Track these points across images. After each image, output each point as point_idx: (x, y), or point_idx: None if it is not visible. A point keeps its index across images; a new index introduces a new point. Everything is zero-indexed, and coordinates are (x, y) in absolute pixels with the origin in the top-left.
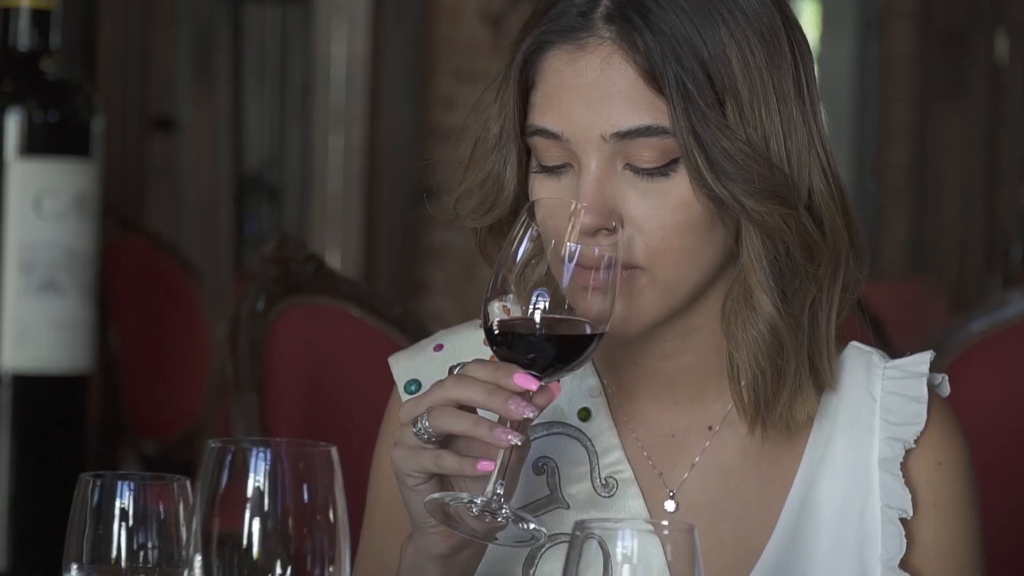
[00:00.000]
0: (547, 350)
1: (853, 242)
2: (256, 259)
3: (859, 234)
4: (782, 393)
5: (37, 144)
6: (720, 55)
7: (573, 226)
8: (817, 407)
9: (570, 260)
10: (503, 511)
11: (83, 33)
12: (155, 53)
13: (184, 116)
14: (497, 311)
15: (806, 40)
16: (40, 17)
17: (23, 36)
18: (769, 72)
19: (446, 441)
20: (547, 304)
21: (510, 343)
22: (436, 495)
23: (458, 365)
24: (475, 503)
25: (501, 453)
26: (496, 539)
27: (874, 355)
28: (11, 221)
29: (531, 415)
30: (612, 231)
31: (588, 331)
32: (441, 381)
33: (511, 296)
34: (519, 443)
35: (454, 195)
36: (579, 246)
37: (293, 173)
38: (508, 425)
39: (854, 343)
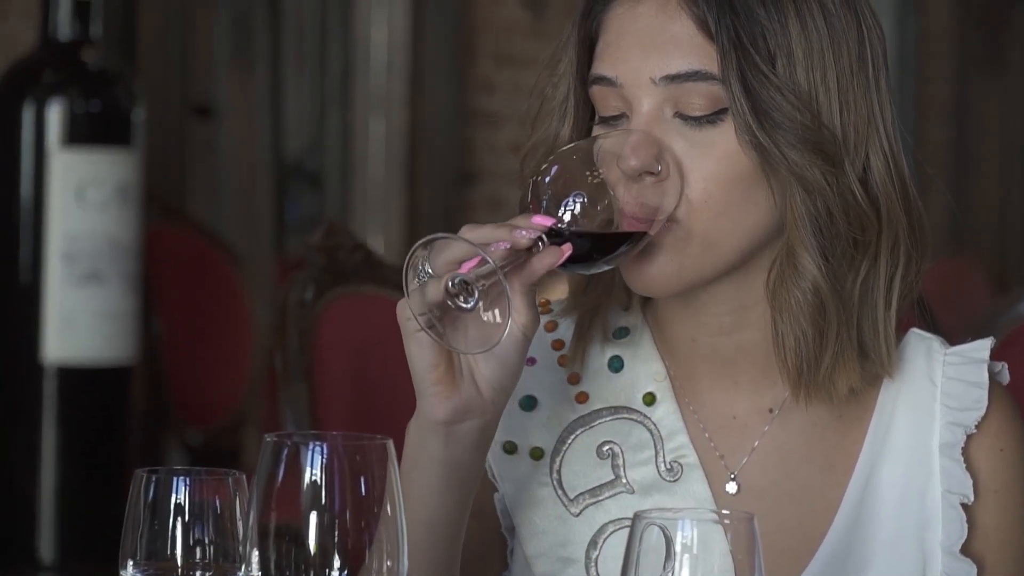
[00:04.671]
0: (580, 244)
1: (913, 228)
2: (299, 245)
3: (920, 222)
4: (824, 357)
5: (79, 134)
6: (777, 12)
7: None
8: (859, 380)
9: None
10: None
11: (123, 22)
12: (194, 39)
13: (223, 102)
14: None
15: (879, 26)
16: (81, 7)
17: (64, 26)
18: (830, 38)
19: (445, 317)
20: (583, 206)
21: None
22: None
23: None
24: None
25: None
26: (462, 349)
27: (935, 341)
28: (54, 212)
29: (532, 236)
30: (658, 176)
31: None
32: None
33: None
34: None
35: (521, 152)
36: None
37: (333, 158)
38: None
39: (915, 330)
